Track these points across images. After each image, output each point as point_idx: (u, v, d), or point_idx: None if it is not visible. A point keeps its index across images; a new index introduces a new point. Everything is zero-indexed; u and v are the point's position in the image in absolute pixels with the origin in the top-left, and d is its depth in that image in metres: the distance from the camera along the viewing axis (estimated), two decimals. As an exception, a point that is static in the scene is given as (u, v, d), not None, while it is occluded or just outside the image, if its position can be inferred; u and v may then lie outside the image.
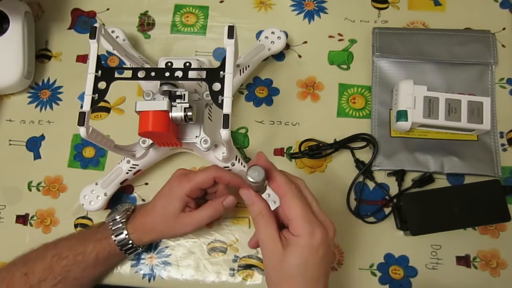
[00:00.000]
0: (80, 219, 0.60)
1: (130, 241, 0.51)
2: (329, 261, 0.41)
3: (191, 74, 0.46)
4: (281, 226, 0.42)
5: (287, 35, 0.65)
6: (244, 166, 0.55)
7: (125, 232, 0.51)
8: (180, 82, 0.49)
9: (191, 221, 0.50)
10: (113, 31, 0.64)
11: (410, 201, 0.54)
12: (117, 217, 0.52)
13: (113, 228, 0.51)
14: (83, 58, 0.67)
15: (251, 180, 0.40)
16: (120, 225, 0.51)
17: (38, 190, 0.62)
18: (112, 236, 0.51)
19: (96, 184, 0.56)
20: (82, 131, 0.43)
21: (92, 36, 0.46)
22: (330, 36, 0.66)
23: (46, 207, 0.61)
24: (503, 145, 0.60)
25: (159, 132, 0.46)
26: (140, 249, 0.54)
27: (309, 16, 0.67)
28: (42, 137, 0.64)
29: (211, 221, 0.51)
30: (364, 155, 0.60)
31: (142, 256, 0.58)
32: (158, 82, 0.48)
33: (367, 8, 0.67)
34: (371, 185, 0.59)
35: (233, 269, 0.57)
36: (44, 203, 0.61)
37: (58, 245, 0.52)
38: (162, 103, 0.46)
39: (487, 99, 0.57)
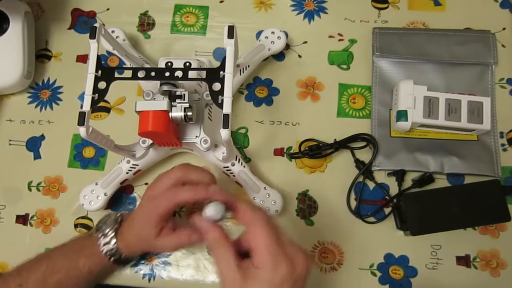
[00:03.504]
0: (80, 219, 0.60)
1: (123, 255, 0.50)
2: None
3: (191, 74, 0.46)
4: (244, 255, 0.39)
5: (287, 35, 0.65)
6: (244, 166, 0.55)
7: (115, 246, 0.49)
8: (180, 82, 0.50)
9: (169, 245, 0.47)
10: (113, 31, 0.64)
11: (410, 201, 0.54)
12: (107, 231, 0.50)
13: (103, 243, 0.49)
14: (83, 58, 0.67)
15: (211, 218, 0.38)
16: (110, 239, 0.49)
17: (38, 190, 0.62)
18: (104, 251, 0.49)
19: (96, 184, 0.56)
20: (82, 131, 0.43)
21: (92, 36, 0.46)
22: (330, 36, 0.66)
23: (46, 207, 0.61)
24: (503, 145, 0.60)
25: (159, 132, 0.46)
26: (136, 259, 0.52)
27: (309, 16, 0.67)
28: (42, 137, 0.64)
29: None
30: (364, 155, 0.60)
31: (142, 256, 0.58)
32: (158, 82, 0.48)
33: (367, 8, 0.67)
34: (371, 185, 0.59)
35: (233, 269, 0.57)
36: (44, 203, 0.61)
37: (51, 257, 0.51)
38: (162, 103, 0.46)
39: (487, 99, 0.57)
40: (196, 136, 0.52)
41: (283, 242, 0.38)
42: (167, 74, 0.45)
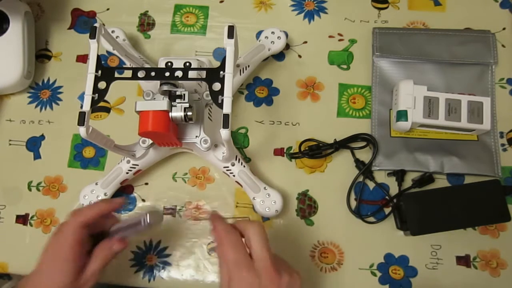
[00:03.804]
0: (80, 219, 0.60)
1: None
2: None
3: (191, 74, 0.46)
4: None
5: (287, 35, 0.65)
6: (244, 166, 0.55)
7: None
8: (180, 82, 0.50)
9: (95, 271, 0.44)
10: (113, 31, 0.64)
11: (410, 201, 0.54)
12: None
13: None
14: (83, 58, 0.67)
15: (149, 223, 0.42)
16: None
17: (38, 190, 0.62)
18: None
19: (96, 184, 0.56)
20: (82, 131, 0.43)
21: (92, 36, 0.46)
22: (330, 36, 0.66)
23: (46, 207, 0.61)
24: (503, 145, 0.60)
25: (159, 132, 0.46)
26: None
27: (309, 16, 0.67)
28: (42, 137, 0.64)
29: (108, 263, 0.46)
30: (364, 155, 0.60)
31: (142, 256, 0.58)
32: (158, 82, 0.48)
33: (367, 8, 0.67)
34: (371, 185, 0.59)
35: (233, 269, 0.57)
36: (44, 203, 0.61)
37: None
38: (162, 103, 0.46)
39: (487, 99, 0.57)
40: (196, 136, 0.52)
41: (278, 257, 0.41)
42: (167, 74, 0.45)
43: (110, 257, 0.45)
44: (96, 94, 0.44)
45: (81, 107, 0.44)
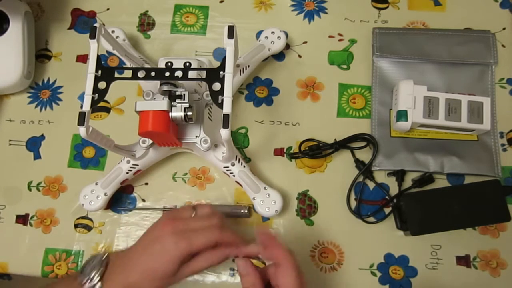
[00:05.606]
0: (80, 219, 0.60)
1: None
2: None
3: (191, 74, 0.46)
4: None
5: (287, 35, 0.65)
6: (244, 166, 0.55)
7: None
8: (180, 82, 0.50)
9: (190, 272, 0.45)
10: (113, 31, 0.64)
11: (410, 201, 0.54)
12: (92, 275, 0.44)
13: None
14: (83, 58, 0.67)
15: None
16: (94, 285, 0.43)
17: (38, 190, 0.62)
18: None
19: (96, 184, 0.56)
20: (82, 131, 0.43)
21: (92, 36, 0.46)
22: (330, 36, 0.66)
23: (46, 207, 0.61)
24: (503, 145, 0.60)
25: (159, 132, 0.46)
26: None
27: (309, 16, 0.67)
28: (42, 137, 0.64)
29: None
30: (364, 155, 0.60)
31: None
32: (158, 82, 0.48)
33: (367, 8, 0.67)
34: (371, 185, 0.59)
35: (233, 269, 0.57)
36: (44, 203, 0.61)
37: None
38: (162, 103, 0.46)
39: (487, 99, 0.57)
40: (196, 136, 0.52)
41: (305, 284, 0.41)
42: (167, 74, 0.45)
43: (217, 262, 0.45)
44: (96, 94, 0.44)
45: (81, 107, 0.44)
